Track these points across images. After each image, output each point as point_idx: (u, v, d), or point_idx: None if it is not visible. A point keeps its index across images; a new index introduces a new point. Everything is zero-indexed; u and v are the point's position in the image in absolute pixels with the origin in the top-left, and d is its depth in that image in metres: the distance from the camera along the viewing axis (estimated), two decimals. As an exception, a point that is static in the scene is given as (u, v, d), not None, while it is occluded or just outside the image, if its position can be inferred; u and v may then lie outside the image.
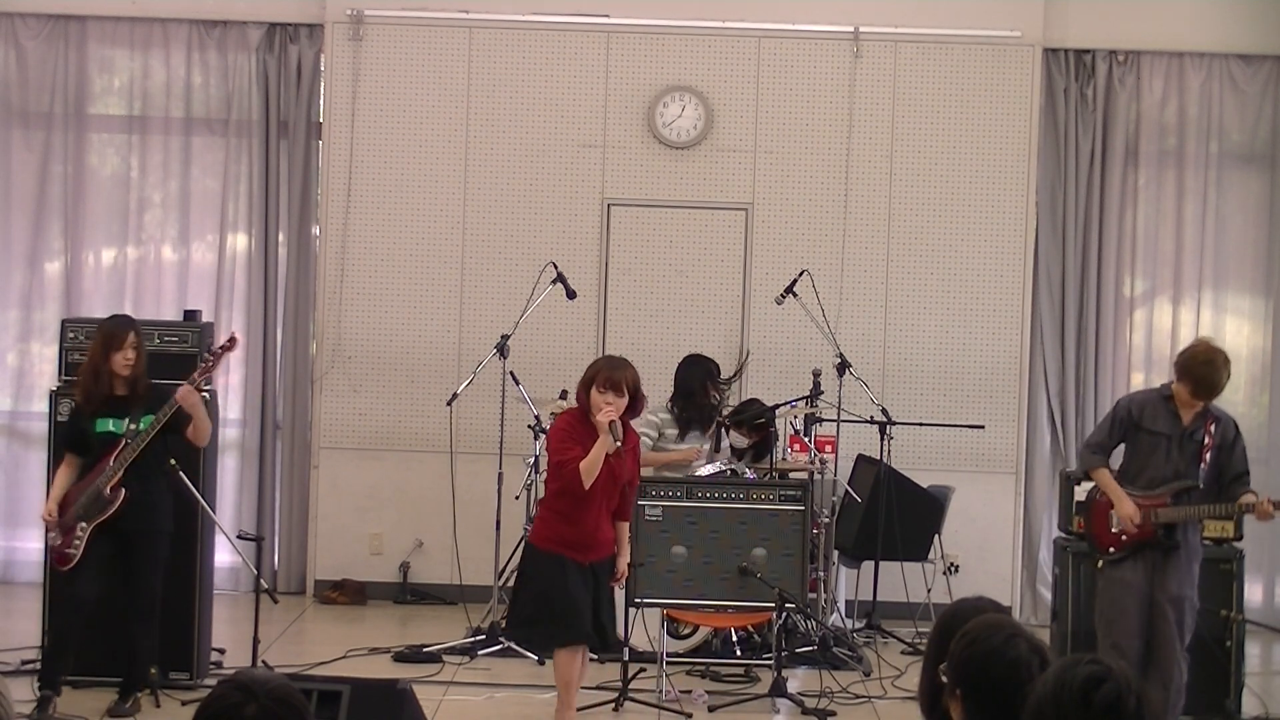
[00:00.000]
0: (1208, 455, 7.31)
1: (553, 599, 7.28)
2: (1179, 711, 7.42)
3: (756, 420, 9.56)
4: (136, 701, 7.72)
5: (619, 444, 7.16)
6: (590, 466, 7.15)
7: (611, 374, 7.19)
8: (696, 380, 9.63)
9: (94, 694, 7.90)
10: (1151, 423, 7.42)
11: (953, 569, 9.81)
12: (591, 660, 7.85)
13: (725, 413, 9.77)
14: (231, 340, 7.89)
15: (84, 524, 7.62)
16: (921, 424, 10.12)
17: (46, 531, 7.81)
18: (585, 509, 7.27)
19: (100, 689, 7.90)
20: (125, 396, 7.71)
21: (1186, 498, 7.32)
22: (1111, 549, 7.49)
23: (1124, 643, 7.35)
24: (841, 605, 9.79)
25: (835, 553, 9.69)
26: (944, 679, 3.64)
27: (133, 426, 7.62)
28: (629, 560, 7.57)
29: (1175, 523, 7.33)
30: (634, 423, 7.54)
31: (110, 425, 7.67)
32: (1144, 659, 7.35)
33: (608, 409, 7.13)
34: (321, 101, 10.71)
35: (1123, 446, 7.64)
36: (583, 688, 8.21)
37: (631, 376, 7.23)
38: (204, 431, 7.77)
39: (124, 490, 7.59)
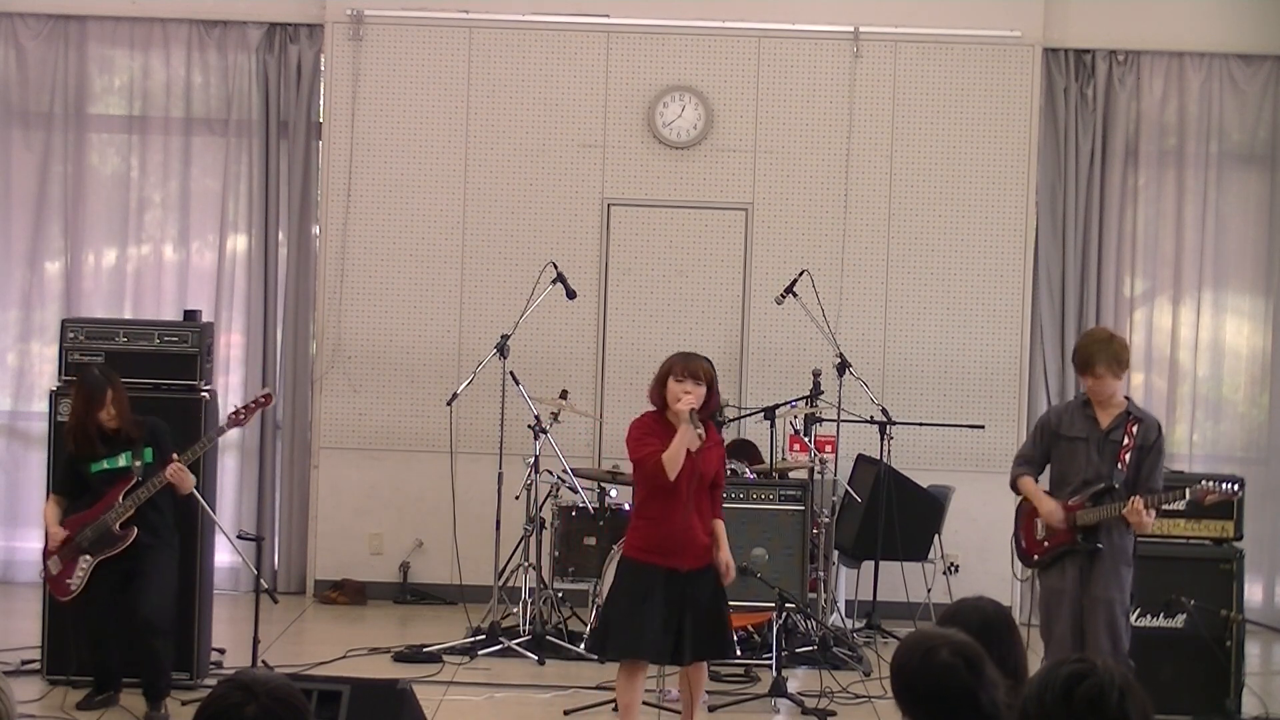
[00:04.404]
0: (1126, 456, 7.26)
1: (622, 610, 7.09)
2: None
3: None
4: (166, 708, 7.61)
5: (701, 433, 6.91)
6: (673, 457, 6.90)
7: (688, 364, 7.03)
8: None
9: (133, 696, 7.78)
10: (1070, 429, 7.40)
11: (953, 569, 9.82)
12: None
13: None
14: (266, 397, 7.83)
15: (88, 557, 7.55)
16: (921, 424, 10.12)
17: (45, 558, 7.71)
18: (674, 509, 6.96)
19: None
20: (116, 432, 7.61)
21: (1107, 499, 7.27)
22: (1037, 556, 7.48)
23: (1060, 649, 7.19)
24: (841, 605, 9.79)
25: (835, 552, 9.69)
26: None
27: (138, 463, 7.55)
28: (729, 559, 7.19)
29: (1095, 525, 7.29)
30: None
31: (105, 464, 7.60)
32: None
33: (687, 397, 6.93)
34: (321, 101, 10.71)
35: None
36: (582, 688, 8.24)
37: (707, 368, 7.08)
38: (183, 489, 7.66)
39: (134, 528, 7.52)
